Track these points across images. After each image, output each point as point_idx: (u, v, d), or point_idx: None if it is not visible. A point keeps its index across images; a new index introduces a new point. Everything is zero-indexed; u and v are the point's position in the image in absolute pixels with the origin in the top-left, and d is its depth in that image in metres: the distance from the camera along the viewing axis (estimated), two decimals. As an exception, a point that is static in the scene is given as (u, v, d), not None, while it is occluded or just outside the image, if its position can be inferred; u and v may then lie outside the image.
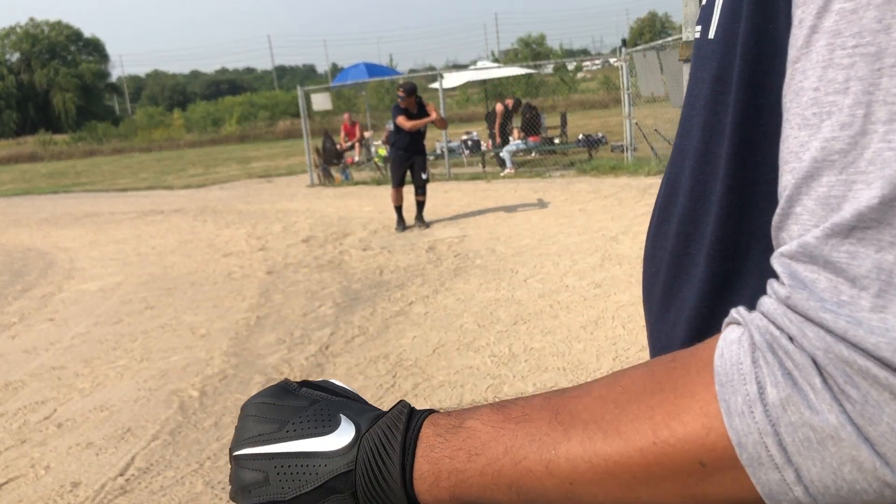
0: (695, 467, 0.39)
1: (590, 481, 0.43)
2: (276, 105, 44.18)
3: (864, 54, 0.36)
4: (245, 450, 0.52)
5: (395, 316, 5.02)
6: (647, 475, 0.41)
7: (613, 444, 0.42)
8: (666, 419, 0.40)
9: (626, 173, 10.59)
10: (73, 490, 3.02)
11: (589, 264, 5.86)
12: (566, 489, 0.44)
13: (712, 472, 0.39)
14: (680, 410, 0.40)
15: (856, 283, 0.35)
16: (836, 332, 0.35)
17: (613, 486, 0.42)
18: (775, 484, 0.37)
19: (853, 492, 0.36)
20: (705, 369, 0.40)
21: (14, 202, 16.52)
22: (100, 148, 36.28)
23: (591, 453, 0.43)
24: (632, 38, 50.15)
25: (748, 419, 0.37)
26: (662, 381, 0.42)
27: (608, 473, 0.42)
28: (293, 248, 7.80)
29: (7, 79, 60.07)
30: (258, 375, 4.11)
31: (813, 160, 0.38)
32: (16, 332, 5.54)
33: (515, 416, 0.47)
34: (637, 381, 0.44)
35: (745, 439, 0.37)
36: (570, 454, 0.43)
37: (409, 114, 7.96)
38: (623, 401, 0.43)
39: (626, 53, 11.18)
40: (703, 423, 0.39)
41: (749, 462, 0.37)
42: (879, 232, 0.35)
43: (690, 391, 0.40)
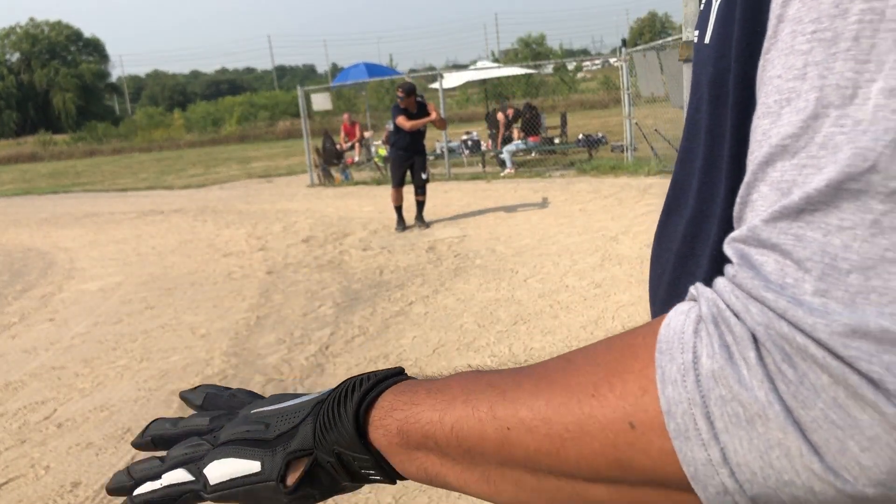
0: (624, 427, 0.39)
1: (526, 428, 0.43)
2: (276, 105, 44.20)
3: (821, 39, 0.36)
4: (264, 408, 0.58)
5: (395, 316, 5.02)
6: (579, 429, 0.40)
7: (556, 393, 0.42)
8: (607, 376, 0.40)
9: (626, 173, 10.59)
10: (73, 490, 3.02)
11: (589, 264, 5.85)
12: (503, 435, 0.44)
13: (640, 438, 0.38)
14: (622, 370, 0.40)
15: (801, 266, 0.35)
16: (777, 310, 0.35)
17: (545, 436, 0.42)
18: (701, 464, 0.36)
19: (781, 482, 0.35)
20: (653, 335, 0.40)
21: (14, 202, 16.52)
22: (100, 148, 36.30)
23: (533, 400, 0.43)
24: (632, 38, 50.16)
25: (680, 388, 0.36)
26: (615, 344, 0.42)
27: (544, 422, 0.42)
28: (293, 248, 7.80)
29: (7, 79, 60.10)
30: (258, 375, 4.11)
31: (770, 147, 0.38)
32: (16, 332, 5.54)
33: (486, 371, 0.49)
34: (595, 345, 0.44)
35: (674, 408, 0.36)
36: (515, 399, 0.44)
37: (409, 114, 7.96)
38: (577, 359, 0.44)
39: (626, 53, 11.18)
40: (640, 384, 0.38)
41: (676, 433, 0.36)
42: (826, 215, 0.35)
43: (634, 353, 0.40)
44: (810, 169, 0.35)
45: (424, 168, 8.28)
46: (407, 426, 0.49)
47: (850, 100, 0.35)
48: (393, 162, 8.36)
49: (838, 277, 0.34)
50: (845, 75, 0.35)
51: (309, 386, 3.90)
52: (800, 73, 0.37)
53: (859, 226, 0.34)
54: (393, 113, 8.11)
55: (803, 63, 0.37)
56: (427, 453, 0.48)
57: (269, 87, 73.14)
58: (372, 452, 0.51)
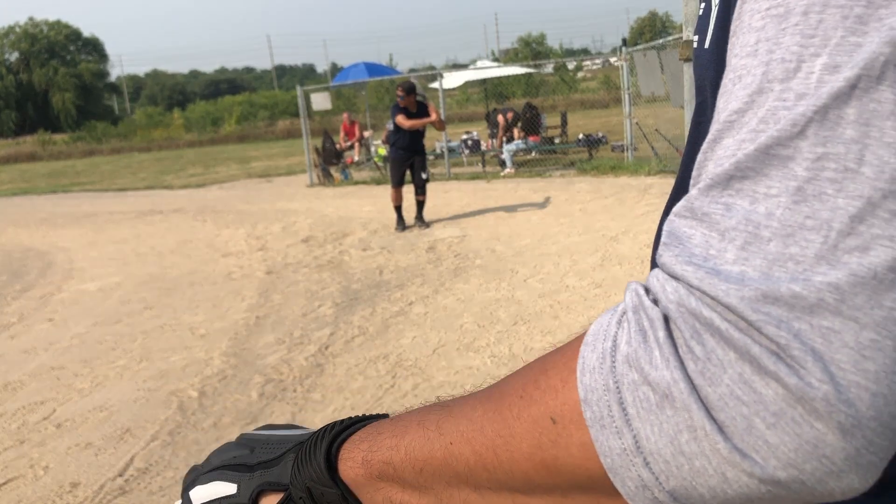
0: (546, 423, 0.38)
1: (465, 440, 0.42)
2: (275, 105, 44.17)
3: (773, 15, 0.36)
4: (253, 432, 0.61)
5: (395, 316, 5.01)
6: (508, 431, 0.40)
7: (492, 401, 0.42)
8: (535, 374, 0.40)
9: (627, 173, 10.58)
10: (73, 490, 3.00)
11: (589, 264, 5.85)
12: (447, 450, 0.44)
13: (561, 433, 0.37)
14: (549, 366, 0.40)
15: (725, 236, 0.34)
16: (693, 283, 0.34)
17: (480, 447, 0.42)
18: (617, 454, 0.35)
19: (694, 470, 0.33)
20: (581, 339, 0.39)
21: (13, 202, 16.50)
22: (99, 148, 36.27)
23: (471, 410, 0.43)
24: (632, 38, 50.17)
25: (597, 374, 0.36)
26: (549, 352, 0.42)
27: (479, 431, 0.42)
28: (293, 248, 7.79)
29: (6, 78, 60.07)
30: (257, 376, 4.10)
31: (718, 124, 0.37)
32: (15, 333, 5.53)
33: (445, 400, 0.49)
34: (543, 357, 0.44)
35: (590, 395, 0.36)
36: (459, 412, 0.44)
37: (409, 113, 7.95)
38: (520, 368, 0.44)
39: (626, 53, 11.17)
40: (561, 376, 0.38)
41: (592, 421, 0.36)
42: (755, 183, 0.34)
43: (562, 350, 0.40)
44: (748, 144, 0.35)
45: (424, 168, 8.27)
46: (369, 455, 0.49)
47: (793, 73, 0.34)
48: (393, 162, 8.35)
49: (759, 246, 0.33)
50: (791, 49, 0.35)
51: (308, 386, 3.89)
52: (752, 50, 0.37)
53: (783, 193, 0.33)
54: (392, 112, 8.10)
55: (755, 40, 0.37)
56: (388, 482, 0.49)
57: (268, 87, 73.15)
58: (339, 485, 0.51)
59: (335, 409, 3.57)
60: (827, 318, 0.31)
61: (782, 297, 0.32)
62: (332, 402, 3.66)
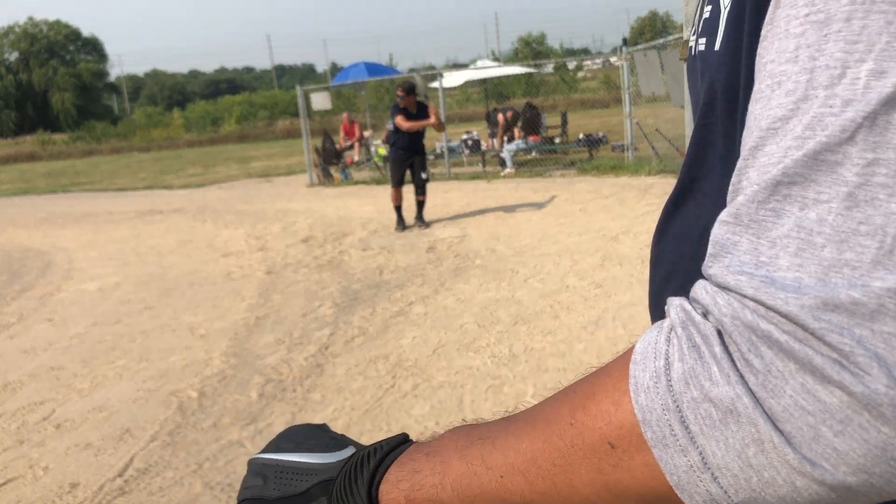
0: (605, 449, 0.38)
1: (517, 472, 0.42)
2: (275, 105, 44.15)
3: (814, 21, 0.36)
4: (261, 455, 0.60)
5: (395, 316, 5.01)
6: (564, 460, 0.40)
7: (538, 430, 0.42)
8: (582, 400, 0.40)
9: (627, 173, 10.57)
10: (72, 491, 3.00)
11: (589, 264, 5.84)
12: (498, 484, 0.44)
13: (622, 456, 0.37)
14: (595, 390, 0.40)
15: (776, 244, 0.34)
16: (747, 293, 0.34)
17: (536, 476, 0.41)
18: (683, 471, 0.35)
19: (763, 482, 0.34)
20: (626, 358, 0.39)
21: (13, 202, 16.49)
22: (98, 147, 36.25)
23: (519, 442, 0.43)
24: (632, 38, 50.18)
25: (653, 394, 0.36)
26: (593, 372, 0.42)
27: (531, 462, 0.42)
28: (292, 248, 7.79)
29: (6, 78, 60.05)
30: (257, 376, 4.10)
31: (759, 131, 0.37)
32: (14, 333, 5.52)
33: (475, 425, 0.49)
34: (579, 379, 0.44)
35: (649, 416, 0.36)
36: (504, 446, 0.44)
37: (409, 113, 7.94)
38: (559, 394, 0.44)
39: (626, 53, 11.16)
40: (612, 399, 0.38)
41: (654, 442, 0.36)
42: (805, 189, 0.34)
43: (607, 371, 0.40)
44: (795, 150, 0.35)
45: (424, 168, 8.27)
46: (413, 495, 0.49)
47: (838, 79, 0.34)
48: (393, 162, 8.34)
49: (813, 252, 0.33)
50: (835, 56, 0.35)
51: (308, 386, 3.88)
52: (791, 56, 0.37)
53: (834, 199, 0.33)
54: (392, 112, 8.10)
55: (795, 46, 0.37)
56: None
57: (268, 87, 73.13)
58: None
59: (335, 409, 3.56)
60: (888, 323, 0.32)
61: (842, 304, 0.32)
62: (332, 403, 3.65)
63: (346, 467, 0.54)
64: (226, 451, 3.22)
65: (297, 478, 0.56)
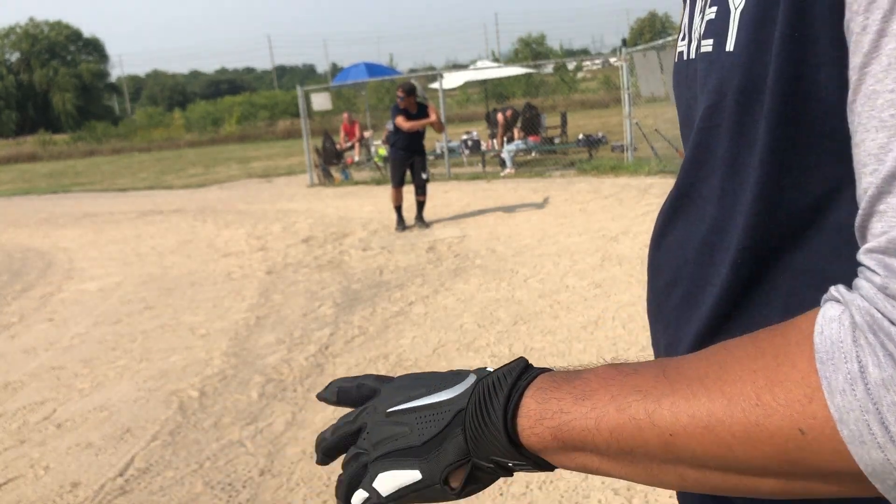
0: (794, 433, 0.40)
1: (689, 435, 0.44)
2: (275, 105, 44.12)
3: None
4: (398, 406, 0.59)
5: (395, 316, 5.02)
6: (747, 436, 0.42)
7: (716, 401, 0.43)
8: (768, 384, 0.42)
9: (627, 173, 10.58)
10: (73, 490, 3.01)
11: (589, 264, 5.85)
12: (665, 440, 0.45)
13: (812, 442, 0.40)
14: (782, 378, 0.41)
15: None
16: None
17: (712, 442, 0.43)
18: (879, 464, 0.38)
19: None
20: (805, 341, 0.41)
21: (13, 202, 16.51)
22: (99, 148, 36.26)
23: (694, 408, 0.44)
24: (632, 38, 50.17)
25: (850, 397, 0.38)
26: (764, 347, 0.43)
27: (708, 429, 0.43)
28: (293, 248, 7.80)
29: (6, 78, 60.06)
30: (258, 376, 4.11)
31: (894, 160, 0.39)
32: (15, 332, 5.53)
33: (626, 370, 0.50)
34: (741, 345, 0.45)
35: (846, 416, 0.38)
36: (673, 407, 0.45)
37: (409, 114, 7.95)
38: (727, 362, 0.45)
39: (626, 53, 11.17)
40: (804, 392, 0.40)
41: (851, 439, 0.38)
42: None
43: (792, 361, 0.41)
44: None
45: (424, 168, 8.28)
46: (561, 434, 0.50)
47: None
48: (393, 162, 8.35)
49: None
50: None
51: (309, 386, 3.89)
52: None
53: None
54: (392, 113, 8.11)
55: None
56: (585, 453, 0.50)
57: (268, 87, 73.11)
58: (530, 458, 0.53)
59: (335, 409, 3.54)
60: None
61: None
62: (332, 402, 3.66)
63: (473, 396, 0.55)
64: (226, 450, 3.24)
65: (435, 418, 0.56)
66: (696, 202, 0.59)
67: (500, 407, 0.52)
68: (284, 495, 2.82)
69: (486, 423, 0.53)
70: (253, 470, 3.03)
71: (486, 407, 0.53)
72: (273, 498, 2.81)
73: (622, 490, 2.61)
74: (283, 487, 2.87)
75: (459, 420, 0.55)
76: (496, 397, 0.53)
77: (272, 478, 2.96)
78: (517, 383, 0.54)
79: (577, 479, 2.71)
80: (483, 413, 0.53)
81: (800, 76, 0.48)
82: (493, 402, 0.53)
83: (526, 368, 0.55)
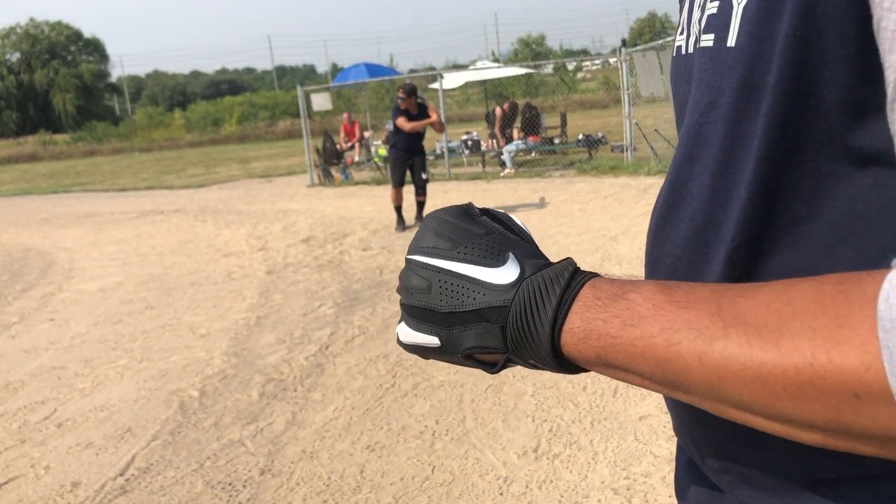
0: (848, 397, 0.40)
1: (739, 380, 0.44)
2: (276, 105, 44.16)
3: None
4: (418, 256, 0.58)
5: (395, 316, 5.02)
6: (798, 391, 0.42)
7: (770, 353, 0.43)
8: (826, 345, 0.41)
9: (626, 173, 10.59)
10: (73, 490, 3.02)
11: (589, 264, 5.85)
12: (713, 381, 0.45)
13: (866, 406, 0.40)
14: (841, 340, 0.41)
15: None
16: None
17: (761, 391, 0.43)
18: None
19: None
20: (869, 305, 0.40)
21: (14, 202, 16.52)
22: (100, 148, 36.29)
23: (747, 356, 0.43)
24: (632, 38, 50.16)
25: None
26: (826, 304, 0.43)
27: (759, 378, 0.43)
28: (293, 248, 7.80)
29: (7, 79, 60.09)
30: (258, 375, 4.11)
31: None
32: (16, 332, 5.54)
33: (678, 299, 0.48)
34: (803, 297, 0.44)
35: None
36: (725, 351, 0.44)
37: (409, 114, 7.97)
38: (787, 314, 0.44)
39: (625, 53, 11.18)
40: (862, 359, 0.39)
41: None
42: None
43: (853, 325, 0.41)
44: None
45: (424, 168, 8.29)
46: (606, 355, 0.50)
47: None
48: (393, 162, 8.36)
49: None
50: None
51: (309, 385, 3.90)
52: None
53: None
54: (393, 114, 8.12)
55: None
56: (626, 373, 0.50)
57: (269, 87, 73.14)
58: (569, 367, 0.53)
59: (336, 409, 3.58)
60: None
61: None
62: (333, 402, 3.67)
63: (517, 301, 0.53)
64: (227, 450, 3.24)
65: (464, 291, 0.55)
66: (688, 198, 0.59)
67: (548, 322, 0.51)
68: (284, 495, 2.82)
69: (532, 334, 0.52)
70: (253, 469, 3.04)
71: (532, 318, 0.52)
72: (273, 497, 2.81)
73: (622, 490, 2.61)
74: (283, 487, 2.88)
75: (496, 316, 0.53)
76: (544, 309, 0.52)
77: (272, 477, 2.96)
78: (565, 294, 0.52)
79: (577, 478, 2.72)
80: (529, 324, 0.52)
81: (802, 74, 0.48)
82: (540, 314, 0.52)
83: (573, 275, 0.53)
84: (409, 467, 2.93)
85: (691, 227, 0.58)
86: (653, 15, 62.28)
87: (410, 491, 2.76)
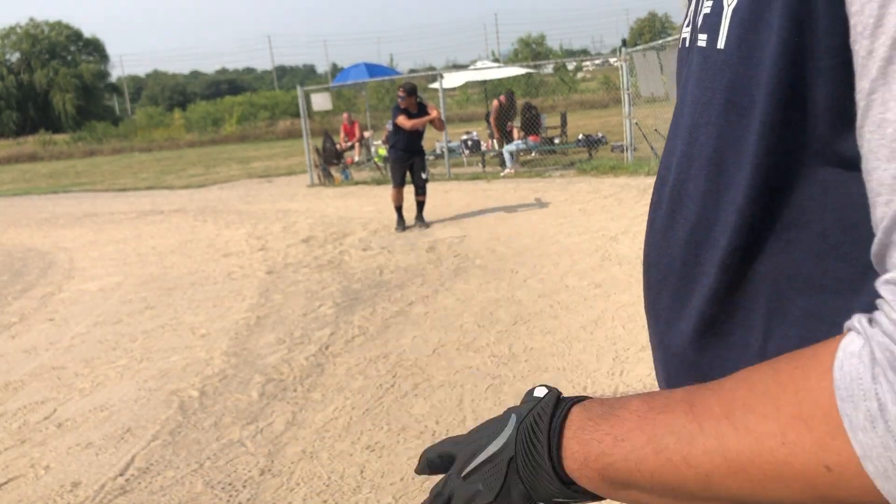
0: (821, 471, 0.41)
1: (724, 475, 0.45)
2: (276, 105, 44.12)
3: None
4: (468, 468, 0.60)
5: (395, 316, 5.02)
6: (778, 474, 0.42)
7: (744, 441, 0.44)
8: (792, 421, 0.42)
9: (626, 173, 10.59)
10: (73, 490, 3.01)
11: (589, 264, 5.85)
12: (703, 481, 0.46)
13: (839, 478, 0.40)
14: (805, 415, 0.41)
15: None
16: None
17: (746, 480, 0.44)
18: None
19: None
20: (825, 376, 0.41)
21: (14, 202, 16.52)
22: (100, 148, 36.27)
23: (724, 448, 0.44)
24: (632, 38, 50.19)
25: (871, 434, 0.38)
26: (785, 382, 0.43)
27: (741, 469, 0.44)
28: (293, 248, 7.80)
29: (7, 79, 60.07)
30: (258, 375, 4.11)
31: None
32: (16, 332, 5.54)
33: (658, 406, 0.50)
34: (762, 380, 0.45)
35: (869, 452, 0.38)
36: (705, 448, 0.45)
37: (409, 114, 7.98)
38: (750, 399, 0.45)
39: (625, 53, 11.18)
40: (826, 430, 0.40)
41: (876, 474, 0.38)
42: None
43: (814, 398, 0.41)
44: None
45: (424, 168, 8.29)
46: (608, 475, 0.51)
47: None
48: (393, 162, 8.36)
49: None
50: None
51: (309, 385, 3.90)
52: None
53: None
54: (393, 113, 8.13)
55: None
56: (633, 490, 0.51)
57: (268, 87, 73.10)
58: (584, 493, 0.54)
59: (336, 409, 3.58)
60: None
61: None
62: (333, 402, 3.67)
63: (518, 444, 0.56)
64: (226, 450, 3.24)
65: (495, 470, 0.57)
66: (686, 199, 0.59)
67: (545, 454, 0.54)
68: (284, 495, 2.82)
69: (538, 470, 0.54)
70: (253, 470, 3.04)
71: (532, 455, 0.55)
72: (273, 497, 2.81)
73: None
74: (283, 487, 2.88)
75: (514, 468, 0.56)
76: (539, 444, 0.54)
77: (272, 477, 2.96)
78: (552, 424, 0.54)
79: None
80: (531, 462, 0.55)
81: (796, 84, 0.48)
82: (536, 449, 0.54)
83: (557, 405, 0.56)
84: (409, 467, 2.93)
85: (684, 227, 0.58)
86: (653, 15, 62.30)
87: (410, 491, 2.76)
